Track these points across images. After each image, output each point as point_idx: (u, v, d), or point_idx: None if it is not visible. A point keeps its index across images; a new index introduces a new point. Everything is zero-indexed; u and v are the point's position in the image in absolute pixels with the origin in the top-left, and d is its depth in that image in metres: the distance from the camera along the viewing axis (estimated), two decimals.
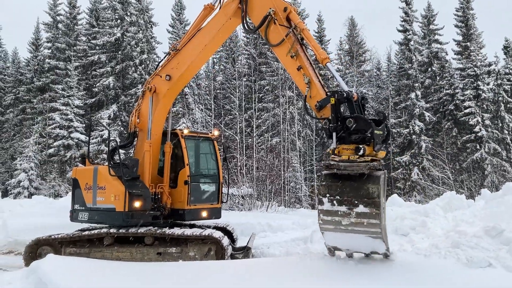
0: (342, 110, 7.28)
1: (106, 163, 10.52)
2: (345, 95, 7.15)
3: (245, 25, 9.11)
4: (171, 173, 10.76)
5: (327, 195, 6.67)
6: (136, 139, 10.77)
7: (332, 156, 6.97)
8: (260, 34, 8.94)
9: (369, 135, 6.74)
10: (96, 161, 12.45)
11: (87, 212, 10.41)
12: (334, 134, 6.97)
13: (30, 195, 33.77)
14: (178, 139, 10.85)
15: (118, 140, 34.24)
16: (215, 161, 11.63)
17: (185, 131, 11.05)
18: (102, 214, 10.12)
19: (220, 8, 9.64)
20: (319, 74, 8.18)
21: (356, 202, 6.48)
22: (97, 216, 10.25)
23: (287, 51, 8.16)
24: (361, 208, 6.43)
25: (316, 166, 39.08)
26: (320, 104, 7.46)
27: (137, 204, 9.73)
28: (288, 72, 8.63)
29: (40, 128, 40.54)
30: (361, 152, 6.60)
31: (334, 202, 6.61)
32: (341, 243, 6.97)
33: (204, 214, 10.93)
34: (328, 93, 7.46)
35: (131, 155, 11.78)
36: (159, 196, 10.43)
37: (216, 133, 11.83)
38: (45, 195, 31.56)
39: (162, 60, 10.97)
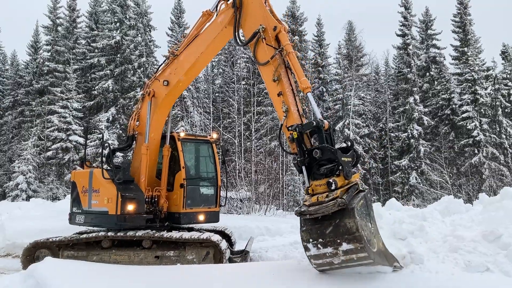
0: (312, 142, 7.13)
1: (107, 166, 10.55)
2: (314, 123, 6.93)
3: (237, 37, 8.79)
4: (169, 176, 10.74)
5: (310, 240, 6.45)
6: (135, 142, 10.78)
7: (305, 197, 6.80)
8: (250, 50, 8.71)
9: (336, 165, 6.58)
10: (93, 164, 12.42)
11: (83, 215, 10.44)
12: (303, 169, 6.86)
13: (28, 198, 33.73)
14: (175, 142, 10.86)
15: (116, 143, 34.33)
16: (214, 164, 11.56)
17: (182, 134, 11.03)
18: (96, 217, 10.15)
19: (217, 15, 9.47)
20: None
21: (338, 241, 6.22)
22: (92, 219, 10.27)
23: (271, 73, 7.84)
24: (345, 246, 6.19)
25: None
26: (292, 137, 7.07)
27: (130, 207, 9.71)
28: (269, 95, 8.23)
29: (38, 131, 40.50)
30: (333, 187, 6.42)
31: (319, 245, 6.38)
32: (342, 273, 6.82)
33: (201, 217, 10.88)
34: (288, 127, 7.26)
35: (129, 158, 11.78)
36: (156, 199, 10.41)
37: (214, 136, 11.78)
38: (43, 198, 31.56)
39: (161, 64, 10.91)
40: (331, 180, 6.47)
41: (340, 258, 6.30)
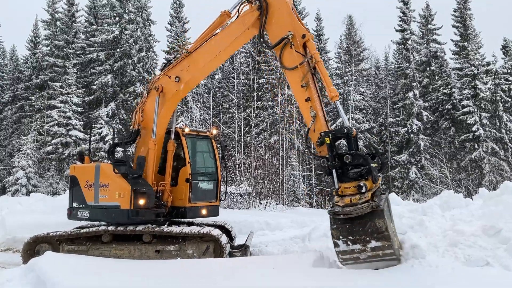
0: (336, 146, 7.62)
1: (107, 161, 10.51)
2: (345, 131, 7.48)
3: (262, 40, 9.12)
4: (172, 171, 10.76)
5: (340, 237, 7.09)
6: (139, 136, 10.74)
7: (336, 198, 7.28)
8: (275, 54, 8.98)
9: (366, 170, 7.14)
10: (94, 159, 12.39)
11: (87, 210, 10.34)
12: (334, 172, 7.37)
13: (28, 193, 33.74)
14: (179, 138, 10.88)
15: (116, 138, 34.28)
16: (214, 159, 11.65)
17: (186, 130, 11.09)
18: (105, 212, 10.08)
19: (237, 16, 9.55)
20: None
21: (368, 239, 6.92)
22: (100, 213, 10.19)
23: (299, 79, 8.21)
24: (373, 243, 6.90)
25: (314, 165, 39.12)
26: (321, 141, 7.62)
27: (141, 201, 9.73)
28: (295, 99, 8.60)
29: (38, 126, 40.48)
30: (364, 189, 7.02)
31: (348, 242, 7.03)
32: (362, 268, 7.25)
33: (204, 211, 10.97)
34: (322, 133, 7.70)
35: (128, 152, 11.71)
36: (161, 194, 10.45)
37: (214, 131, 11.85)
38: (43, 193, 31.55)
39: (170, 60, 10.91)
40: (361, 184, 7.06)
41: (366, 254, 6.96)
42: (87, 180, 10.42)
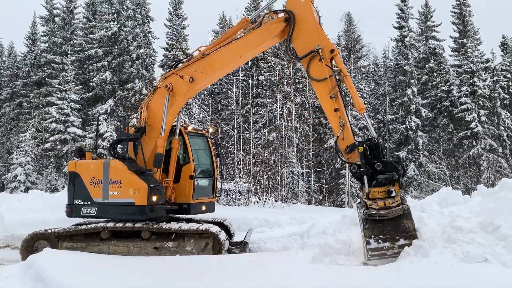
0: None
1: (108, 157, 10.52)
2: (375, 141, 8.41)
3: (289, 51, 9.60)
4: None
5: (372, 236, 7.81)
6: (144, 133, 10.73)
7: (368, 202, 8.04)
8: (301, 64, 9.63)
9: (396, 177, 8.06)
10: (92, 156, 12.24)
11: (94, 207, 10.26)
12: (365, 177, 8.16)
13: (27, 190, 33.69)
14: (181, 135, 10.96)
15: (115, 135, 34.28)
16: (210, 157, 11.83)
17: (189, 128, 11.26)
18: (116, 209, 10.03)
19: (261, 25, 9.90)
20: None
21: (397, 237, 7.76)
22: (110, 210, 10.13)
23: (327, 90, 8.86)
24: (402, 241, 7.72)
25: (313, 162, 39.14)
26: (350, 149, 8.48)
27: (154, 198, 9.82)
28: (323, 109, 9.26)
29: (36, 123, 40.42)
30: (393, 194, 7.89)
31: (379, 240, 7.78)
32: (383, 263, 7.72)
33: (204, 207, 11.18)
34: (356, 142, 8.55)
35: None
36: (164, 190, 10.51)
37: (210, 130, 12.18)
38: (41, 190, 31.52)
39: (181, 60, 11.08)
40: (391, 189, 7.93)
41: (393, 251, 7.69)
42: (92, 176, 10.33)
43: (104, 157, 11.77)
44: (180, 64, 10.81)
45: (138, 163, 10.24)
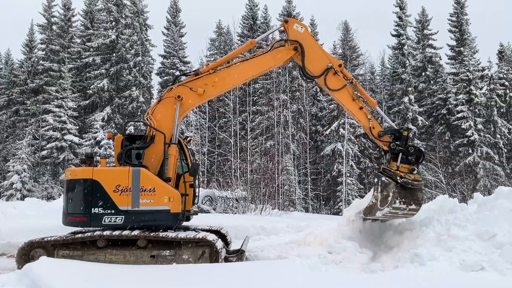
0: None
1: (113, 165, 10.54)
2: (407, 130, 10.71)
3: (305, 74, 11.07)
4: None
5: (398, 198, 9.90)
6: (153, 142, 10.75)
7: (399, 173, 10.04)
8: (318, 82, 11.25)
9: (420, 160, 10.39)
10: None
11: (121, 216, 10.13)
12: (400, 154, 10.19)
13: (23, 197, 33.59)
14: (179, 143, 10.99)
15: (111, 142, 34.21)
16: (187, 165, 11.82)
17: (189, 135, 11.33)
18: (148, 216, 10.02)
19: (271, 49, 11.14)
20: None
21: (411, 203, 10.08)
22: (141, 218, 10.07)
23: (349, 95, 10.90)
24: (413, 206, 10.10)
25: (309, 169, 39.15)
26: (383, 133, 10.62)
27: (184, 205, 10.22)
28: (350, 110, 11.01)
29: (33, 130, 40.35)
30: (415, 172, 10.17)
31: (401, 202, 9.95)
32: (385, 219, 10.64)
33: (194, 215, 11.27)
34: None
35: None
36: None
37: (188, 138, 12.43)
38: (38, 197, 31.42)
39: (185, 74, 12.18)
40: (415, 168, 10.21)
41: (404, 212, 10.09)
42: (117, 184, 10.20)
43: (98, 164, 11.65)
44: (184, 77, 11.40)
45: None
